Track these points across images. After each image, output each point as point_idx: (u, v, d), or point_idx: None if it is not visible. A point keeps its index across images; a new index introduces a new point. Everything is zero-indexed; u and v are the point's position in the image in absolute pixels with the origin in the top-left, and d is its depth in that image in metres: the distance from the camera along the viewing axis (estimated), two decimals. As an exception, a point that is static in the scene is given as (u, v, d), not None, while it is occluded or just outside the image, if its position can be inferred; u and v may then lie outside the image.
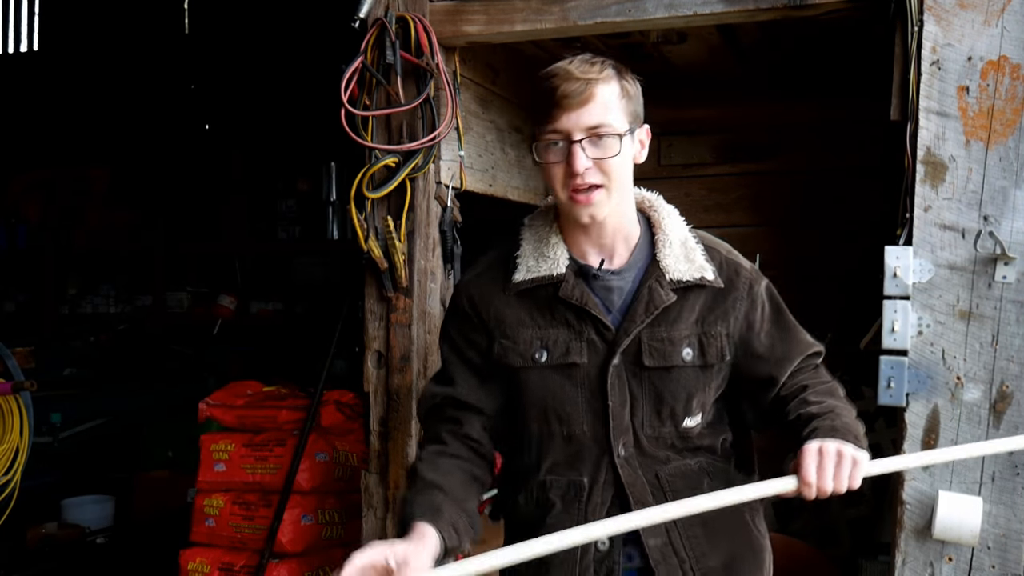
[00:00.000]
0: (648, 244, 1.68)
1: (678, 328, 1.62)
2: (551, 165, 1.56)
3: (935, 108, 2.15)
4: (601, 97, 1.54)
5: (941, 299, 2.15)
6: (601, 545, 1.61)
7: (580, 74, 1.53)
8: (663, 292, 1.62)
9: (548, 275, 1.63)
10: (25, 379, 3.66)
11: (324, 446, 3.27)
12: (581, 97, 1.52)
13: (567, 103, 1.52)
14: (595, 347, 1.61)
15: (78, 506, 4.95)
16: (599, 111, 1.53)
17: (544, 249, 1.66)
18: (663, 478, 1.63)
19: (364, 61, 2.54)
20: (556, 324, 1.63)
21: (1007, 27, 2.10)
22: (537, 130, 1.57)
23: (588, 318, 1.62)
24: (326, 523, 3.24)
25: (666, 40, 2.90)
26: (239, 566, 3.18)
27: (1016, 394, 2.11)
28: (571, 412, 1.62)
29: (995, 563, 2.13)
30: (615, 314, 1.63)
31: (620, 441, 1.61)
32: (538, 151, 1.57)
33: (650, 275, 1.64)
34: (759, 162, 3.41)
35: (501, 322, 1.67)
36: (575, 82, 1.52)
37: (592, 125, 1.53)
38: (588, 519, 1.60)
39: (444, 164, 2.64)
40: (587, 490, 1.62)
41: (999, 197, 2.11)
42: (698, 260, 1.66)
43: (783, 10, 2.30)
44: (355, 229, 2.58)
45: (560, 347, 1.62)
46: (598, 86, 1.54)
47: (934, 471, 2.16)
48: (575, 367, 1.61)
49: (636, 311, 1.61)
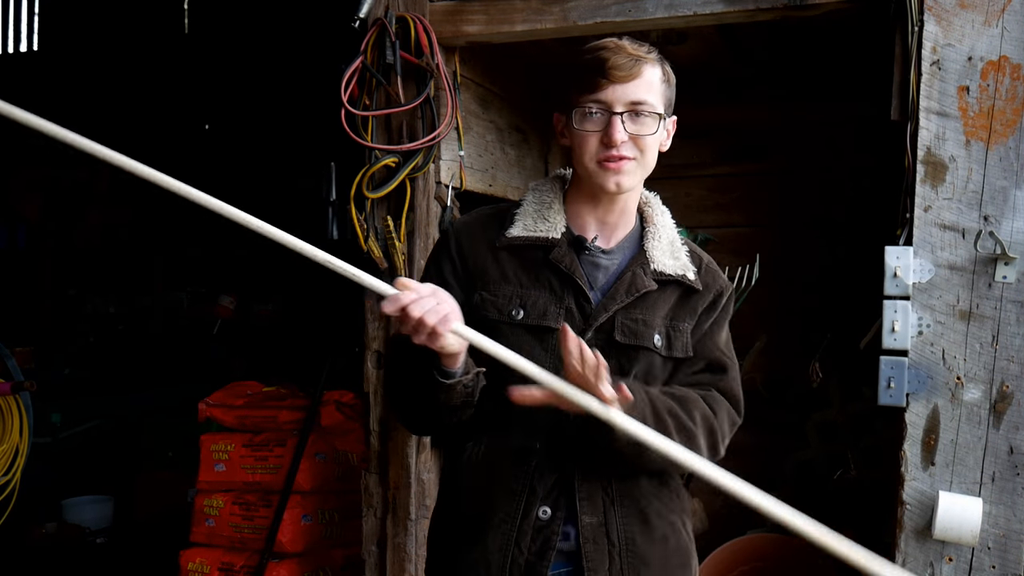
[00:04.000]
0: (639, 235, 1.72)
1: (652, 314, 1.65)
2: (587, 134, 1.58)
3: (935, 108, 2.15)
4: (647, 76, 1.57)
5: (941, 299, 2.15)
6: (543, 514, 1.60)
7: (632, 50, 1.57)
8: (646, 279, 1.65)
9: (543, 237, 1.66)
10: (25, 379, 3.67)
11: (324, 446, 3.27)
12: (630, 72, 1.55)
13: (615, 75, 1.55)
14: (572, 317, 1.62)
15: (78, 506, 4.96)
16: (644, 88, 1.57)
17: (545, 212, 1.69)
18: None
19: (364, 61, 2.54)
20: (539, 287, 1.65)
21: (1007, 27, 2.10)
22: (577, 98, 1.59)
23: (571, 287, 1.64)
24: (326, 523, 3.24)
25: (666, 40, 2.90)
26: (239, 566, 3.18)
27: (1016, 394, 2.11)
28: None
29: (995, 563, 2.13)
30: (597, 292, 1.65)
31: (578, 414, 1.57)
32: (576, 118, 1.58)
33: (636, 262, 1.67)
34: (759, 162, 3.41)
35: (484, 273, 1.68)
36: (626, 56, 1.55)
37: (636, 100, 1.56)
38: (535, 484, 1.60)
39: (444, 164, 2.64)
40: (537, 456, 1.62)
41: (999, 197, 2.11)
42: (682, 258, 1.70)
43: (783, 10, 2.31)
44: (355, 229, 2.58)
45: (538, 309, 1.63)
46: (646, 65, 1.57)
47: (934, 472, 2.16)
48: (549, 331, 1.62)
49: (617, 291, 1.64)
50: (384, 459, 2.67)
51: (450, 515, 1.72)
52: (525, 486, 1.60)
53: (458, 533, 1.67)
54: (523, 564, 1.59)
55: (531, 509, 1.60)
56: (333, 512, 3.26)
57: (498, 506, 1.61)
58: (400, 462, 2.64)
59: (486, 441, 1.66)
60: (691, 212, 3.48)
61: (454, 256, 1.71)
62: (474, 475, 1.65)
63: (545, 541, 1.59)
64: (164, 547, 3.70)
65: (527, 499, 1.60)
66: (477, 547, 1.62)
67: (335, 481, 3.27)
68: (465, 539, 1.65)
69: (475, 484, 1.65)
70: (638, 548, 1.62)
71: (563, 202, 1.71)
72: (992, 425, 2.12)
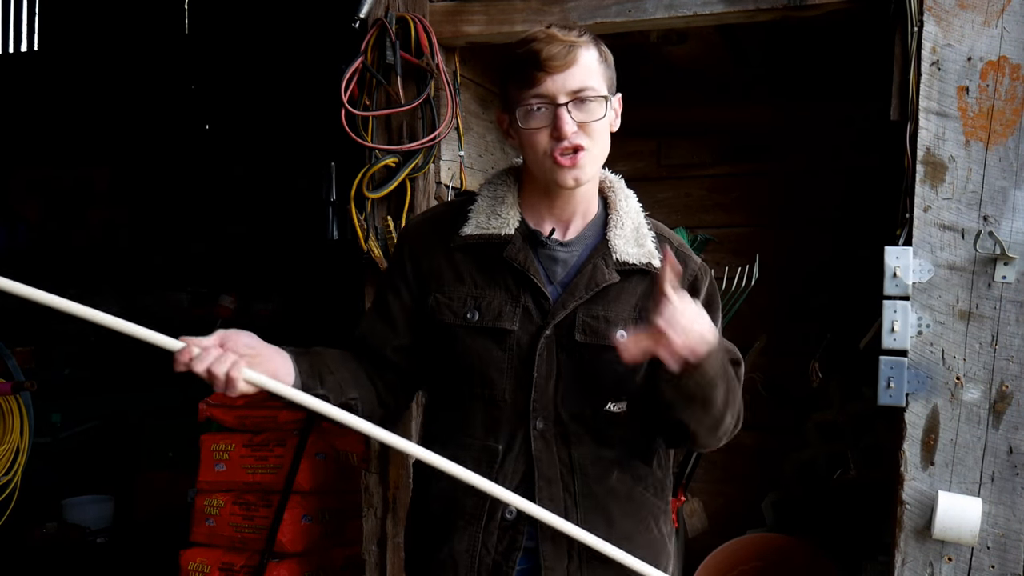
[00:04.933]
0: (601, 223, 1.66)
1: (616, 309, 1.60)
2: (534, 131, 1.53)
3: (935, 108, 2.16)
4: (584, 60, 1.52)
5: (941, 299, 2.15)
6: (508, 514, 1.60)
7: (563, 37, 1.51)
8: (607, 271, 1.60)
9: (496, 233, 1.61)
10: (25, 379, 3.67)
11: (324, 446, 3.27)
12: (566, 60, 1.50)
13: (551, 66, 1.49)
14: (530, 315, 1.59)
15: (78, 506, 4.96)
16: (583, 74, 1.52)
17: (498, 207, 1.64)
18: (575, 460, 1.60)
19: (364, 61, 2.54)
20: (494, 286, 1.61)
21: (1007, 27, 2.10)
22: (518, 95, 1.54)
23: (527, 285, 1.59)
24: (326, 523, 3.24)
25: (666, 40, 2.90)
26: (239, 566, 3.19)
27: (1016, 394, 2.11)
28: (495, 377, 1.60)
29: (995, 563, 2.13)
30: (556, 286, 1.61)
31: (540, 414, 1.59)
32: (521, 117, 1.53)
33: (597, 253, 1.62)
34: (759, 162, 3.41)
35: (439, 276, 1.64)
36: (558, 44, 1.50)
37: (577, 88, 1.51)
38: (507, 470, 1.59)
39: (444, 164, 2.65)
40: (500, 457, 1.60)
41: (999, 197, 2.11)
42: (648, 246, 1.64)
43: (783, 10, 2.31)
44: (355, 229, 2.58)
45: (493, 310, 1.59)
46: (580, 50, 1.52)
47: (934, 472, 2.16)
48: (506, 333, 1.59)
49: (577, 286, 1.59)
50: (384, 459, 2.67)
51: (421, 516, 1.73)
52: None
53: (429, 533, 1.68)
54: (490, 564, 1.60)
55: (496, 510, 1.60)
56: (333, 512, 3.26)
57: (464, 508, 1.62)
58: (400, 462, 2.64)
59: (452, 444, 1.64)
60: (691, 212, 3.48)
61: (405, 261, 1.69)
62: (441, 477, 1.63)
63: (511, 541, 1.60)
64: (164, 547, 3.70)
65: (492, 500, 1.59)
66: (445, 547, 1.63)
67: (335, 481, 3.27)
68: (435, 539, 1.66)
69: (442, 485, 1.64)
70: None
71: (518, 195, 1.66)
72: (992, 425, 2.12)
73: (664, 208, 3.49)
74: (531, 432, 1.59)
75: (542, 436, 1.59)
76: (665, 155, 3.52)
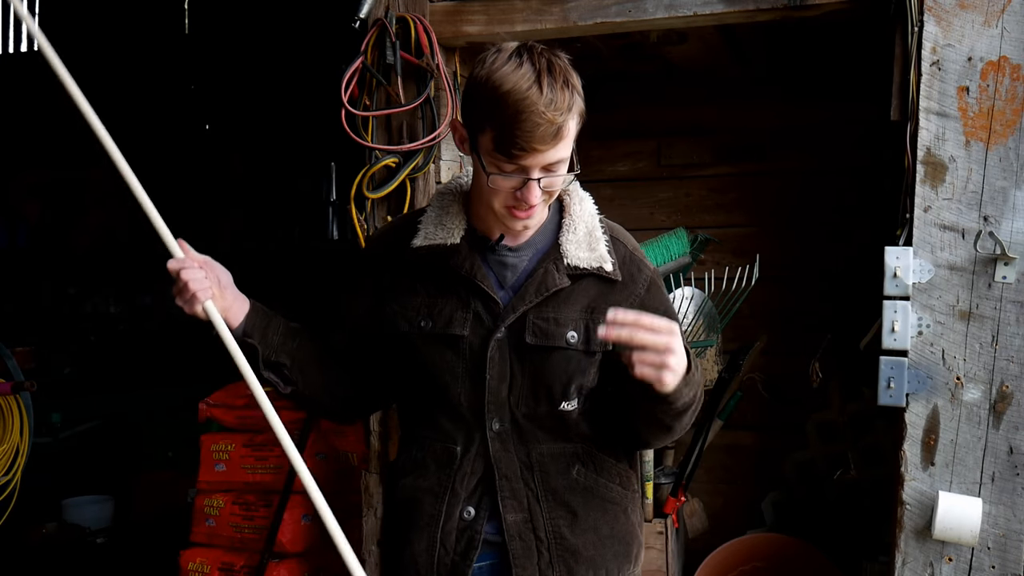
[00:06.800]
0: (554, 226, 1.66)
1: (566, 311, 1.62)
2: (497, 185, 1.50)
3: (935, 108, 2.16)
4: (567, 131, 1.46)
5: (941, 299, 2.15)
6: (466, 514, 1.64)
7: (552, 114, 1.42)
8: (557, 276, 1.61)
9: (442, 244, 1.63)
10: (25, 379, 3.66)
11: (324, 446, 3.27)
12: (551, 142, 1.44)
13: (536, 147, 1.43)
14: (481, 320, 1.61)
15: (78, 506, 4.96)
16: (563, 148, 1.47)
17: (444, 218, 1.65)
18: (534, 457, 1.65)
19: (364, 61, 2.54)
20: (446, 293, 1.64)
21: (1007, 28, 2.10)
22: (490, 154, 1.48)
23: (476, 291, 1.62)
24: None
25: (666, 40, 2.90)
26: (239, 566, 3.18)
27: (1016, 394, 2.11)
28: (450, 381, 1.64)
29: (995, 563, 2.13)
30: (507, 291, 1.63)
31: (495, 416, 1.63)
32: (486, 165, 1.49)
33: (548, 257, 1.63)
34: (759, 162, 3.41)
35: (396, 286, 1.68)
36: (547, 125, 1.42)
37: (553, 162, 1.47)
38: (456, 486, 1.65)
39: (444, 164, 2.65)
40: (458, 458, 1.66)
41: (999, 197, 2.11)
42: (599, 249, 1.63)
43: (783, 10, 2.31)
44: (355, 229, 2.58)
45: (445, 316, 1.63)
46: (566, 125, 1.45)
47: (934, 472, 2.16)
48: (457, 338, 1.62)
49: (527, 290, 1.61)
50: (384, 459, 2.67)
51: (389, 517, 1.79)
52: (447, 488, 1.65)
53: (394, 535, 1.73)
54: (449, 563, 1.65)
55: (454, 510, 1.65)
56: (333, 512, 3.26)
57: (424, 508, 1.67)
58: (400, 462, 2.64)
59: (416, 446, 1.72)
60: (691, 212, 3.48)
61: (369, 269, 1.73)
62: (403, 478, 1.72)
63: (469, 541, 1.64)
64: (164, 547, 3.70)
65: (449, 500, 1.65)
66: (407, 549, 1.68)
67: (335, 481, 3.27)
68: (399, 541, 1.71)
69: (404, 486, 1.71)
70: (567, 541, 1.65)
71: (464, 202, 1.67)
72: (992, 425, 2.12)
73: (664, 208, 3.49)
74: (488, 434, 1.63)
75: (499, 436, 1.64)
76: (665, 155, 3.52)
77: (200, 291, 1.59)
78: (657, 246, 3.07)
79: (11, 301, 7.06)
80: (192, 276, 1.59)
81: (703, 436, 3.08)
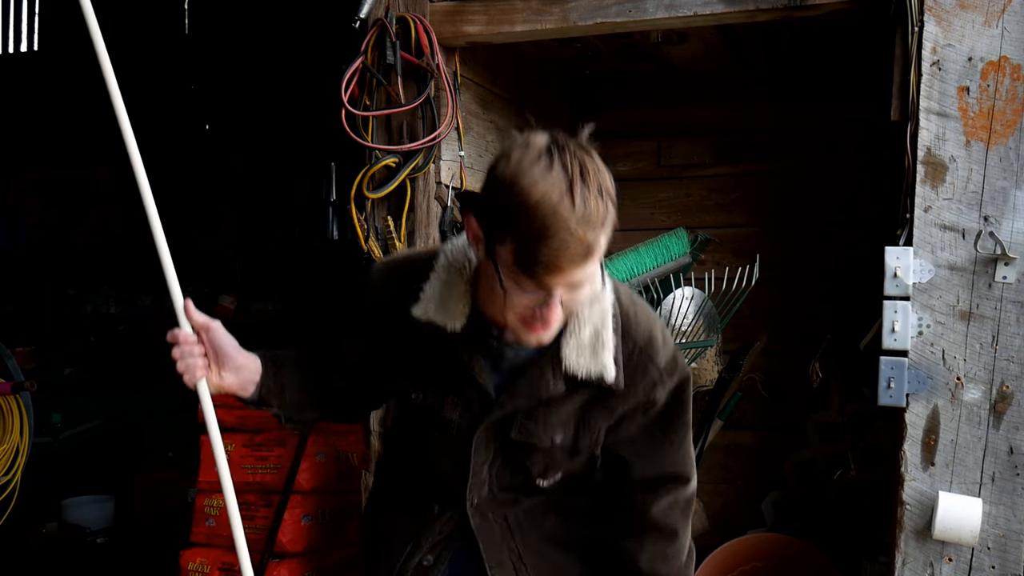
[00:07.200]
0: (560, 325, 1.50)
1: (556, 415, 1.54)
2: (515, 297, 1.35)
3: (935, 108, 2.16)
4: (598, 248, 1.31)
5: (941, 299, 2.15)
6: (425, 561, 1.64)
7: (583, 232, 1.26)
8: (552, 382, 1.50)
9: (443, 327, 1.50)
10: (25, 379, 3.66)
11: (324, 446, 3.26)
12: (581, 261, 1.29)
13: (563, 267, 1.29)
14: (471, 407, 1.55)
15: (78, 506, 4.95)
16: (592, 266, 1.33)
17: (447, 300, 1.50)
18: (511, 520, 1.64)
19: (364, 61, 2.54)
20: (439, 367, 1.56)
21: (1007, 28, 2.10)
22: (510, 267, 1.32)
23: (472, 382, 1.54)
24: (326, 523, 3.24)
25: (666, 40, 2.90)
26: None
27: (1016, 394, 2.11)
28: (433, 450, 1.63)
29: (995, 563, 2.13)
30: (500, 373, 1.54)
31: (476, 493, 1.62)
32: (504, 279, 1.34)
33: (547, 357, 1.49)
34: (759, 162, 3.41)
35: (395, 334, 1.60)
36: (577, 244, 1.27)
37: (579, 281, 1.33)
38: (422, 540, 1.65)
39: (444, 164, 2.64)
40: (433, 518, 1.66)
41: (999, 197, 2.11)
42: (603, 357, 1.49)
43: (783, 10, 2.31)
44: (355, 229, 2.58)
45: (435, 395, 1.57)
46: (599, 238, 1.30)
47: (934, 472, 2.16)
48: (447, 421, 1.58)
49: (519, 390, 1.52)
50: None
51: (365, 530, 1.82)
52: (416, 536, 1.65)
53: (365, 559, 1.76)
54: None
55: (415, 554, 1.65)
56: (333, 512, 3.26)
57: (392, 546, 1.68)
58: (400, 462, 2.64)
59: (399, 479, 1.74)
60: (691, 212, 3.48)
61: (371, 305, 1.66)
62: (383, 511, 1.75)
63: None
64: (164, 547, 3.70)
65: (413, 546, 1.65)
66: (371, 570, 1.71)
67: (335, 481, 3.27)
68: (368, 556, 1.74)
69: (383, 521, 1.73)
70: None
71: (472, 283, 1.50)
72: (992, 425, 2.12)
73: (664, 208, 3.49)
74: (468, 509, 1.62)
75: (478, 510, 1.63)
76: (665, 155, 3.52)
77: (187, 372, 1.57)
78: (657, 246, 3.07)
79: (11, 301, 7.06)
80: (182, 353, 1.57)
81: (703, 436, 3.07)
